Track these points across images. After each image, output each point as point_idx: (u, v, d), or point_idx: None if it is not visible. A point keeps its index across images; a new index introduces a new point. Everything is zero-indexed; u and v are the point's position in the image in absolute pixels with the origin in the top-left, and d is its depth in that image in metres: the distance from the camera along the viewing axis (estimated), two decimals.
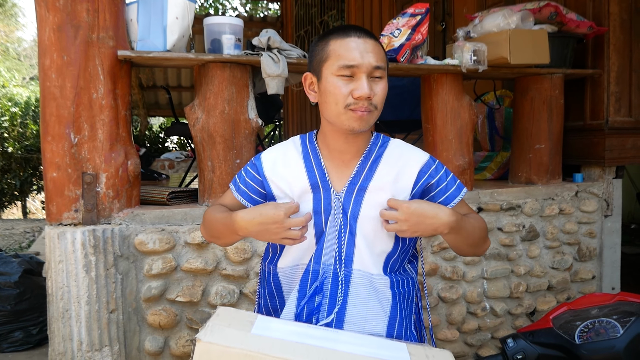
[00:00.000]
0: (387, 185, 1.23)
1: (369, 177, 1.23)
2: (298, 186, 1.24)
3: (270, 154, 1.32)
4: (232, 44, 2.11)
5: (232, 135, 2.04)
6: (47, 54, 1.82)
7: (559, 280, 2.68)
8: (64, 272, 1.78)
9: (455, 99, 2.43)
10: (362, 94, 1.13)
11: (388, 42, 2.31)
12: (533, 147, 2.67)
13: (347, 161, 1.25)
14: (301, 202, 1.24)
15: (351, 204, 1.22)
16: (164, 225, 1.94)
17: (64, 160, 1.84)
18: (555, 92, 2.64)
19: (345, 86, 1.15)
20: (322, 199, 1.23)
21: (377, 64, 1.16)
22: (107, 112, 1.89)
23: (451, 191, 1.27)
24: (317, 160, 1.27)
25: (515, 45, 2.33)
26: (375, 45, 1.19)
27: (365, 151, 1.26)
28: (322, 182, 1.24)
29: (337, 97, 1.16)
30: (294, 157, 1.29)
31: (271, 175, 1.28)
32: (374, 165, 1.25)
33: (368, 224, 1.21)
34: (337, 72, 1.16)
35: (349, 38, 1.17)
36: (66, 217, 1.85)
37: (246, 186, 1.31)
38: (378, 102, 1.17)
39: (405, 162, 1.26)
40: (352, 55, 1.15)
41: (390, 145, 1.29)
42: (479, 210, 2.47)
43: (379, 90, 1.17)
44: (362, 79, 1.15)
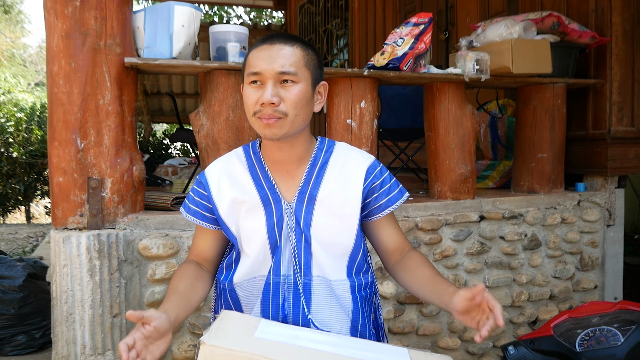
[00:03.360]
0: (337, 191, 1.23)
1: (317, 185, 1.23)
2: (247, 202, 1.23)
3: (214, 170, 1.28)
4: (237, 51, 2.13)
5: (236, 142, 2.06)
6: (55, 61, 1.85)
7: (561, 289, 2.68)
8: (69, 275, 1.80)
9: (457, 107, 2.45)
10: (263, 100, 1.12)
11: (391, 51, 2.34)
12: (535, 156, 2.68)
13: (292, 170, 1.24)
14: (253, 218, 1.22)
15: (303, 213, 1.22)
16: (167, 231, 1.96)
17: (70, 165, 1.86)
18: (558, 102, 2.66)
19: (254, 93, 1.15)
20: (273, 211, 1.22)
21: (283, 69, 1.13)
22: (113, 118, 1.91)
23: (394, 194, 1.29)
24: (264, 173, 1.25)
25: (518, 55, 2.34)
26: (290, 50, 1.16)
27: (311, 159, 1.25)
28: (272, 194, 1.23)
29: (247, 105, 1.17)
30: (239, 170, 1.26)
31: (217, 193, 1.25)
32: (321, 172, 1.25)
33: (322, 230, 1.22)
34: (247, 80, 1.16)
35: (262, 46, 1.17)
36: (71, 221, 1.86)
37: (197, 205, 1.28)
38: (289, 109, 1.14)
39: (351, 165, 1.27)
40: (258, 63, 1.14)
41: (336, 150, 1.29)
42: (480, 219, 2.48)
43: (289, 95, 1.14)
44: (266, 85, 1.13)
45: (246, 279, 1.22)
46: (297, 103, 1.15)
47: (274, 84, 1.14)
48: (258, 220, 1.22)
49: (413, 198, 2.54)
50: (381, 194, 1.27)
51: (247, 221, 1.22)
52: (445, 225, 2.40)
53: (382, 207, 1.28)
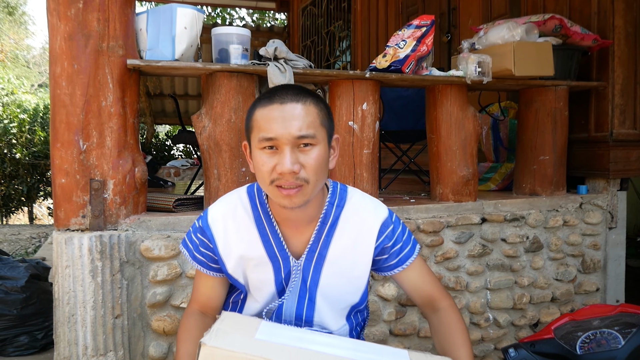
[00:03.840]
0: (347, 251, 1.19)
1: (327, 244, 1.19)
2: (254, 258, 1.18)
3: (218, 220, 1.20)
4: (239, 53, 2.14)
5: (238, 144, 2.06)
6: (57, 62, 1.86)
7: (563, 292, 2.68)
8: (71, 277, 1.80)
9: (459, 110, 2.45)
10: (283, 169, 1.02)
11: (393, 53, 2.34)
12: (537, 159, 2.68)
13: (302, 228, 1.19)
14: (261, 272, 1.19)
15: (311, 272, 1.19)
16: (169, 232, 1.96)
17: (73, 167, 1.87)
18: (560, 104, 2.66)
19: (269, 160, 1.05)
20: (281, 268, 1.19)
21: (302, 133, 1.03)
22: (116, 119, 1.91)
23: (405, 252, 1.24)
24: (272, 228, 1.18)
25: (520, 57, 2.34)
26: (304, 108, 1.06)
27: (322, 216, 1.19)
28: (280, 251, 1.19)
29: (262, 173, 1.06)
30: (245, 223, 1.19)
31: (224, 248, 1.19)
32: (332, 231, 1.19)
33: (329, 290, 1.20)
34: (259, 145, 1.06)
35: (271, 106, 1.06)
36: (74, 222, 1.87)
37: (202, 255, 1.23)
38: (310, 175, 1.05)
39: (363, 224, 1.20)
40: (271, 127, 1.03)
41: (348, 204, 1.21)
42: (482, 221, 2.48)
43: (310, 160, 1.05)
44: (284, 151, 1.03)
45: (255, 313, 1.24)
46: (318, 167, 1.06)
47: (292, 150, 1.04)
48: (266, 274, 1.20)
49: (415, 200, 2.54)
50: (392, 254, 1.23)
51: (255, 274, 1.20)
52: (446, 228, 2.40)
53: (392, 267, 1.25)
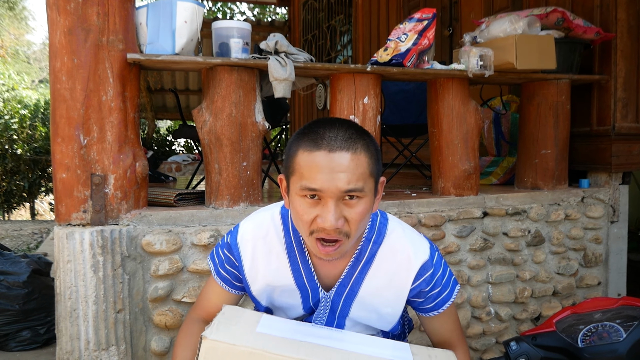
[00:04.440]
0: (381, 290, 1.13)
1: (360, 281, 1.12)
2: (282, 285, 1.14)
3: (248, 241, 1.14)
4: (239, 47, 2.13)
5: (239, 138, 2.06)
6: (57, 57, 1.85)
7: (565, 285, 2.68)
8: (72, 271, 1.80)
9: (461, 103, 2.44)
10: (325, 225, 0.95)
11: (395, 47, 2.33)
12: (539, 153, 2.67)
13: (335, 261, 1.11)
14: (289, 297, 1.16)
15: (340, 306, 1.15)
16: (170, 227, 1.96)
17: (73, 162, 1.86)
18: (562, 98, 2.65)
19: (309, 210, 0.97)
20: (310, 297, 1.16)
21: (350, 187, 0.94)
22: (116, 114, 1.91)
23: (443, 296, 1.17)
24: (303, 258, 1.13)
25: (522, 51, 2.33)
26: (354, 158, 0.95)
27: (357, 252, 1.12)
28: (310, 282, 1.14)
29: (302, 220, 0.99)
30: (275, 249, 1.13)
31: (250, 270, 1.14)
32: (366, 268, 1.12)
33: (358, 322, 1.16)
34: (300, 193, 0.97)
35: (317, 152, 0.95)
36: (75, 217, 1.87)
37: (227, 273, 1.19)
38: (352, 229, 0.98)
39: (400, 263, 1.12)
40: (316, 177, 0.94)
41: (386, 241, 1.13)
42: (484, 215, 2.47)
43: (355, 215, 0.97)
44: (328, 205, 0.95)
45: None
46: (362, 221, 0.99)
47: (336, 203, 0.95)
48: (294, 300, 1.17)
49: (416, 194, 2.54)
50: (429, 299, 1.16)
51: (282, 298, 1.18)
52: (448, 222, 2.40)
53: (427, 310, 1.19)
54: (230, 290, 1.20)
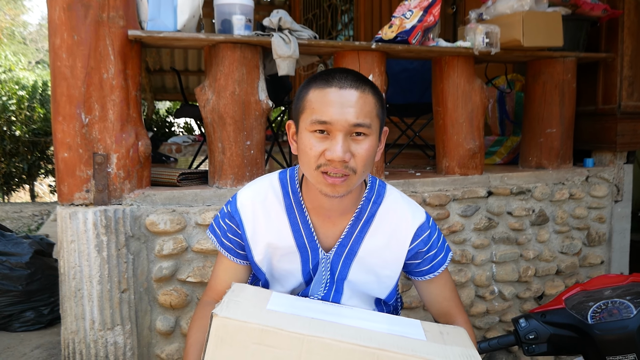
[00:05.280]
0: (379, 250, 1.15)
1: (360, 240, 1.15)
2: (283, 247, 1.15)
3: (247, 205, 1.16)
4: (242, 24, 2.09)
5: (242, 117, 2.03)
6: (57, 34, 1.82)
7: (568, 264, 2.68)
8: (76, 252, 1.79)
9: (466, 82, 2.41)
10: (333, 156, 0.98)
11: (400, 24, 2.29)
12: (544, 132, 2.65)
13: (335, 219, 1.15)
14: (288, 262, 1.16)
15: (339, 267, 1.16)
16: (174, 206, 1.95)
17: (75, 141, 1.84)
18: (568, 76, 2.61)
19: (318, 144, 1.00)
20: (309, 259, 1.16)
21: (358, 121, 0.99)
22: (118, 92, 1.88)
23: (439, 259, 1.21)
24: (303, 218, 1.15)
25: (529, 28, 2.29)
26: (362, 97, 1.01)
27: (357, 211, 1.15)
28: (310, 242, 1.15)
29: (308, 156, 1.02)
30: (275, 210, 1.15)
31: (252, 235, 1.15)
32: (366, 227, 1.15)
33: (357, 285, 1.17)
34: (310, 128, 1.01)
35: (328, 88, 1.01)
36: (77, 197, 1.85)
37: (230, 242, 1.19)
38: (358, 165, 1.01)
39: (399, 223, 1.16)
40: (327, 110, 0.99)
41: (385, 202, 1.17)
42: (489, 194, 2.46)
43: (361, 151, 1.00)
44: (336, 137, 0.98)
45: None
46: (368, 159, 1.02)
47: (344, 137, 0.99)
48: (293, 265, 1.17)
49: (420, 174, 2.52)
50: (425, 260, 1.19)
51: (282, 263, 1.18)
52: (452, 201, 2.39)
53: (424, 273, 1.22)
54: (237, 260, 1.20)
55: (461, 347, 0.91)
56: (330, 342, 0.86)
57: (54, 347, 2.42)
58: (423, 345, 0.89)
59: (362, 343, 0.86)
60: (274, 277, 1.21)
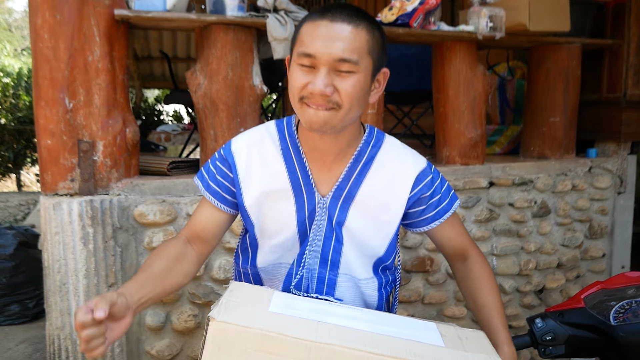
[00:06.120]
0: (379, 193, 1.10)
1: (358, 184, 1.10)
2: (277, 191, 1.09)
3: (242, 148, 1.11)
4: (235, 5, 1.98)
5: (235, 103, 1.93)
6: (38, 13, 1.70)
7: (569, 257, 2.62)
8: (61, 244, 1.69)
9: (468, 68, 2.32)
10: (313, 89, 0.95)
11: (400, 6, 2.19)
12: (547, 120, 2.57)
13: (330, 163, 1.09)
14: (282, 208, 1.09)
15: (337, 211, 1.09)
16: (164, 196, 1.85)
17: (59, 127, 1.73)
18: (573, 63, 2.53)
19: (302, 77, 0.97)
20: (305, 204, 1.10)
21: (344, 56, 0.95)
22: (104, 75, 1.77)
23: (444, 204, 1.15)
24: (299, 159, 1.10)
25: (535, 11, 2.21)
26: (354, 31, 0.97)
27: (355, 153, 1.10)
28: (306, 185, 1.09)
29: (293, 88, 0.99)
30: (271, 152, 1.11)
31: (245, 178, 1.10)
32: (364, 170, 1.10)
33: (355, 232, 1.11)
34: (297, 60, 0.99)
35: (319, 21, 0.97)
36: (62, 187, 1.75)
37: (218, 185, 1.12)
38: (344, 100, 0.97)
39: (399, 167, 1.12)
40: (313, 43, 0.96)
41: (385, 146, 1.13)
42: (490, 185, 2.38)
43: (345, 86, 0.96)
44: (320, 71, 0.95)
45: (272, 263, 1.14)
46: (353, 96, 0.98)
47: (328, 71, 0.96)
48: (287, 211, 1.10)
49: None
50: (429, 206, 1.14)
51: (275, 211, 1.11)
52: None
53: (429, 220, 1.16)
54: (221, 206, 1.13)
55: (483, 355, 0.83)
56: (340, 349, 0.77)
57: (40, 341, 2.32)
58: (442, 353, 0.81)
59: (376, 350, 0.77)
60: (264, 230, 1.13)
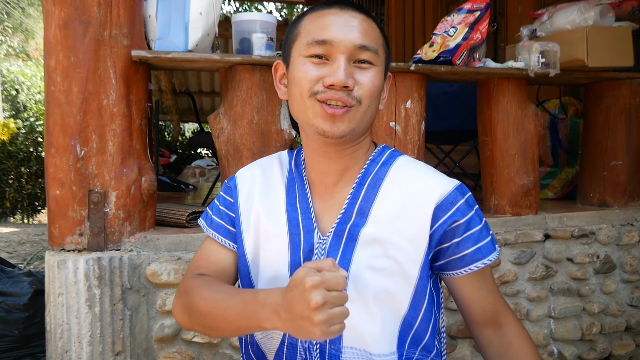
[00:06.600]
0: (390, 226, 0.85)
1: (364, 214, 0.86)
2: (271, 222, 0.91)
3: (248, 171, 0.99)
4: (263, 43, 1.84)
5: (261, 149, 1.77)
6: (52, 54, 1.59)
7: (638, 319, 2.29)
8: (64, 306, 1.53)
9: (518, 107, 2.09)
10: (334, 80, 0.79)
11: (442, 42, 2.00)
12: (608, 164, 2.30)
13: (332, 187, 0.91)
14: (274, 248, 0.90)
15: (339, 256, 0.85)
16: (180, 253, 1.68)
17: (69, 176, 1.59)
18: (636, 100, 2.27)
19: (314, 69, 0.82)
20: (301, 244, 0.88)
21: (364, 43, 0.82)
22: (119, 121, 1.64)
23: (486, 241, 0.88)
24: (302, 188, 0.93)
25: (594, 45, 1.98)
26: (366, 22, 0.85)
27: (360, 175, 0.90)
28: (304, 219, 0.90)
29: (302, 84, 0.83)
30: (275, 179, 0.96)
31: (245, 202, 0.95)
32: (371, 195, 0.87)
33: (364, 283, 0.84)
34: (305, 52, 0.83)
35: (328, 10, 0.85)
36: (69, 241, 1.60)
37: (221, 217, 0.98)
38: (363, 96, 0.82)
39: (416, 190, 0.86)
40: (326, 30, 0.82)
41: (397, 165, 0.91)
42: (545, 238, 2.12)
43: (366, 80, 0.83)
44: (338, 60, 0.81)
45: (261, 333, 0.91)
46: (373, 91, 0.84)
47: (347, 61, 0.81)
48: (280, 253, 0.89)
49: None
50: (467, 239, 0.87)
51: (267, 251, 0.91)
52: (504, 246, 2.05)
53: (467, 261, 0.88)
54: (226, 242, 0.97)
55: None
56: None
57: None
58: None
59: None
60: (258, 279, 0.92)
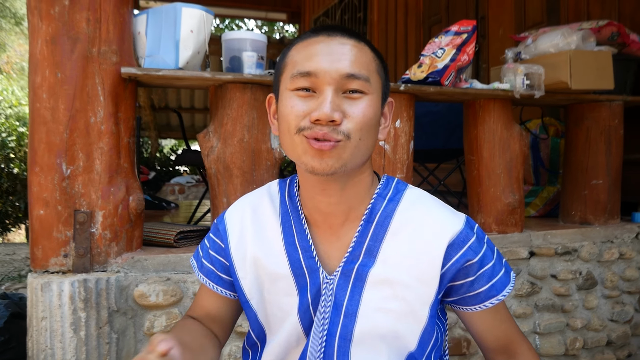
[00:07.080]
0: (400, 266, 0.82)
1: (373, 254, 0.83)
2: (274, 269, 0.86)
3: (236, 212, 0.93)
4: (253, 62, 1.84)
5: (251, 168, 1.75)
6: (38, 71, 1.56)
7: (619, 334, 2.33)
8: (47, 331, 1.48)
9: (504, 128, 2.13)
10: (319, 115, 0.74)
11: (430, 63, 2.03)
12: (589, 183, 2.35)
13: (338, 228, 0.86)
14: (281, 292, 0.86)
15: (347, 296, 0.82)
16: (169, 274, 1.64)
17: (54, 196, 1.55)
18: (615, 122, 2.34)
19: (301, 103, 0.77)
20: (308, 286, 0.85)
21: (353, 71, 0.76)
22: (107, 139, 1.61)
23: (500, 276, 0.85)
24: (299, 227, 0.88)
25: (577, 68, 2.03)
26: (357, 47, 0.79)
27: (367, 211, 0.85)
28: (306, 258, 0.85)
29: (288, 120, 0.78)
30: (268, 217, 0.90)
31: (237, 246, 0.90)
32: (379, 234, 0.84)
33: (372, 323, 0.82)
34: (291, 85, 0.78)
35: (315, 38, 0.80)
36: (53, 263, 1.55)
37: (212, 262, 0.94)
38: (353, 130, 0.76)
39: (427, 229, 0.83)
40: (311, 60, 0.77)
41: (405, 200, 0.86)
42: (531, 255, 2.14)
43: (356, 112, 0.77)
44: (324, 92, 0.76)
45: None
46: (365, 124, 0.77)
47: (335, 92, 0.76)
48: (288, 297, 0.86)
49: None
50: (481, 277, 0.84)
51: (274, 295, 0.87)
52: None
53: (481, 298, 0.86)
54: (217, 289, 0.94)
55: None
56: None
57: None
58: None
59: None
60: (269, 320, 0.88)
